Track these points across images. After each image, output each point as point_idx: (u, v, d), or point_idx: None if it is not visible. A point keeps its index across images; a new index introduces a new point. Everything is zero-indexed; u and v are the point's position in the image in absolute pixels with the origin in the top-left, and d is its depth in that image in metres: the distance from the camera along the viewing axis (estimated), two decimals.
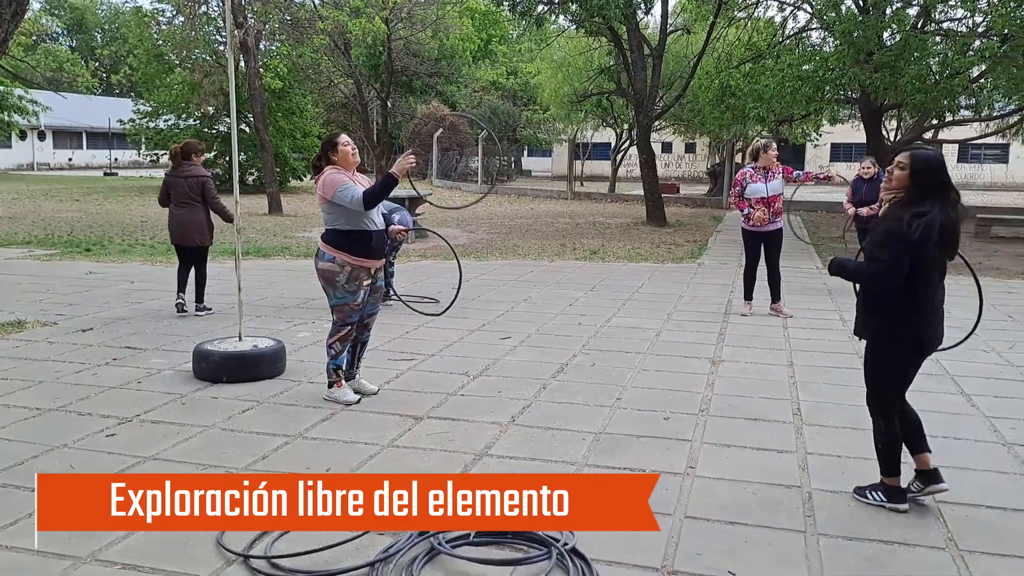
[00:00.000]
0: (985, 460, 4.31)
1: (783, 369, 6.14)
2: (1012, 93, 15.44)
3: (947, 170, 3.57)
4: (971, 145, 40.97)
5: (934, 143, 22.63)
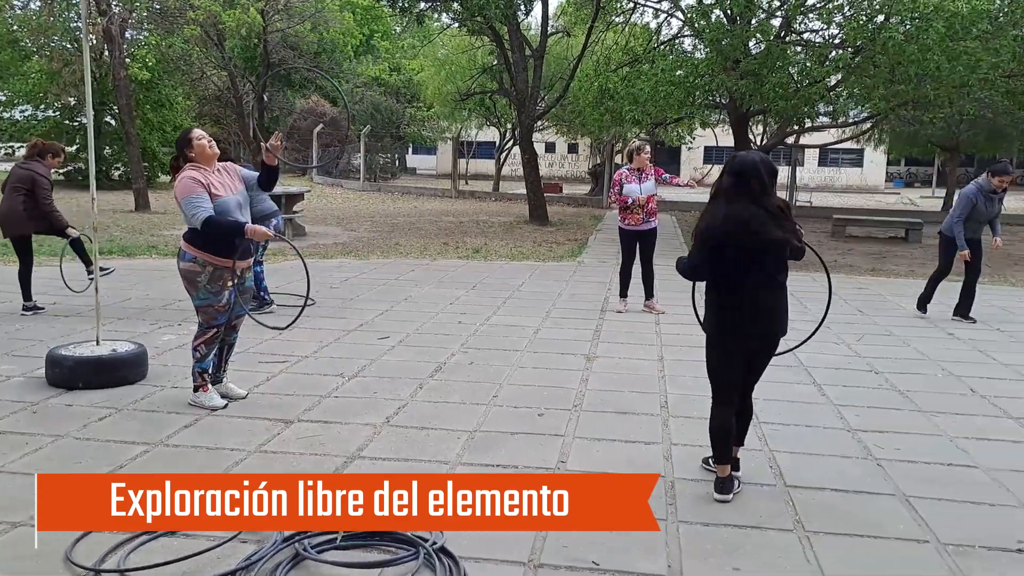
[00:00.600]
0: (832, 446, 4.60)
1: (653, 364, 6.35)
2: (864, 101, 16.52)
3: (762, 174, 3.60)
4: (830, 150, 43.65)
5: (796, 147, 23.97)
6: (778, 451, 4.50)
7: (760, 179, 3.59)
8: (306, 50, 30.79)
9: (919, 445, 4.66)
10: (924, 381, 6.02)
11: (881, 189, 43.88)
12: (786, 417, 5.11)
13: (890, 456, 4.47)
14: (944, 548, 3.40)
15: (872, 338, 7.51)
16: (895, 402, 5.49)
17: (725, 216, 3.62)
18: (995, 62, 12.93)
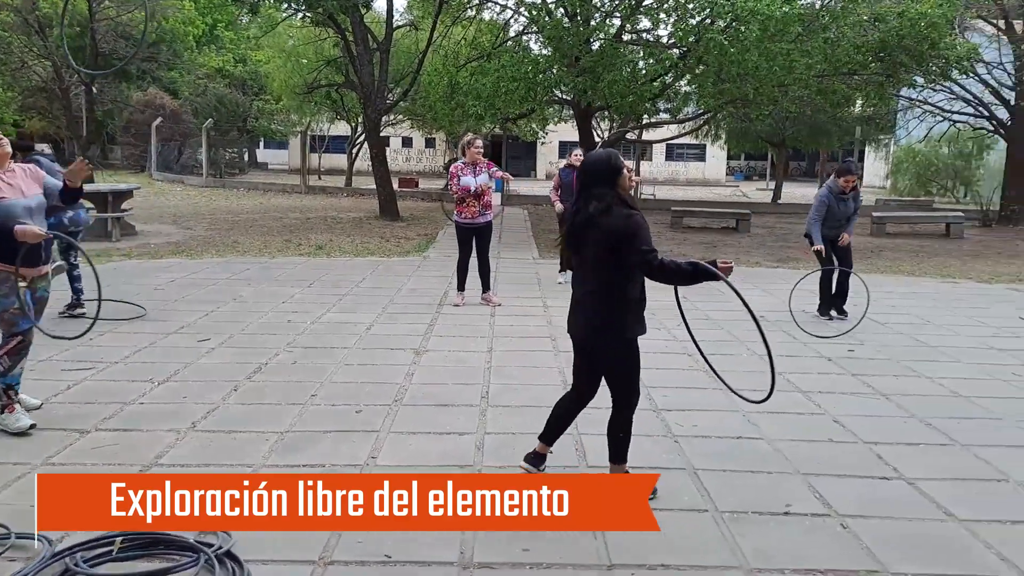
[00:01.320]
0: (636, 426, 4.82)
1: (482, 356, 6.45)
2: (698, 99, 17.43)
3: (600, 170, 3.63)
4: (675, 145, 45.73)
5: (639, 143, 24.93)
6: (586, 434, 4.68)
7: (603, 176, 3.62)
8: (141, 39, 29.08)
9: (716, 422, 4.97)
10: (733, 361, 6.42)
11: (722, 182, 46.32)
12: (600, 402, 5.30)
13: (687, 433, 4.75)
14: (721, 515, 3.64)
15: (698, 323, 7.88)
16: (701, 382, 5.83)
17: (575, 211, 3.73)
18: (808, 63, 13.93)
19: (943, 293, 10.02)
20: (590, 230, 3.61)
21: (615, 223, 3.51)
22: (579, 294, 3.81)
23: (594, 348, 3.78)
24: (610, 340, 3.69)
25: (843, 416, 5.10)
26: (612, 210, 3.55)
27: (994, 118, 19.65)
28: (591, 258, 3.65)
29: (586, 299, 3.73)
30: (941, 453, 4.51)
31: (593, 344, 3.76)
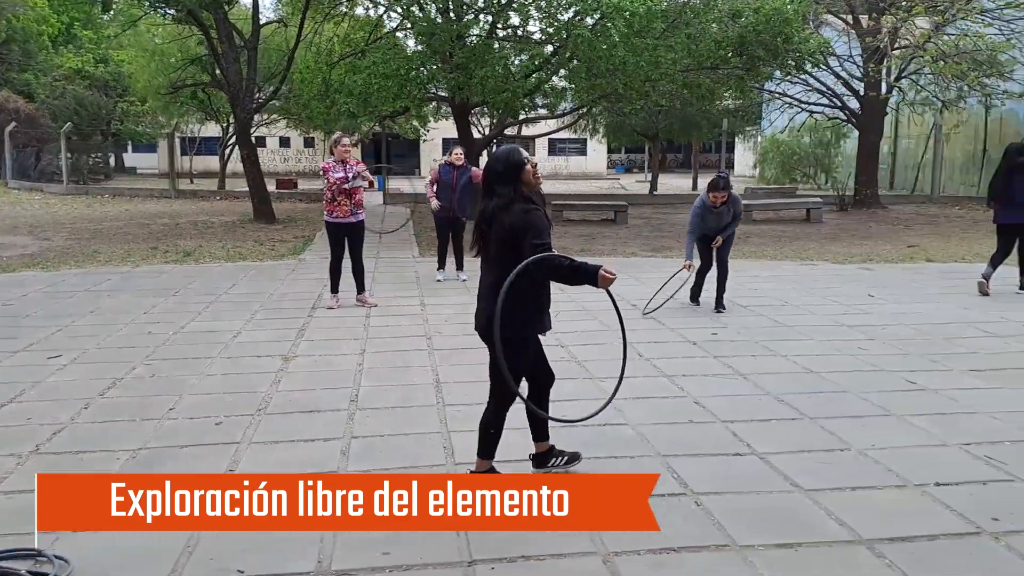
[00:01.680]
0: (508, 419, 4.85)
1: (354, 358, 6.34)
2: (574, 94, 17.74)
3: (501, 167, 3.65)
4: (557, 140, 46.43)
5: (519, 138, 25.15)
6: (456, 431, 4.67)
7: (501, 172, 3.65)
8: None
9: (584, 411, 5.04)
10: (601, 351, 6.56)
11: (604, 175, 47.36)
12: (471, 397, 5.31)
13: (554, 424, 4.80)
14: None
15: (567, 314, 8.04)
16: (572, 372, 5.92)
17: (482, 207, 3.76)
18: (673, 58, 14.41)
19: (801, 275, 10.57)
20: (492, 225, 3.67)
21: (513, 219, 3.56)
22: (481, 287, 3.87)
23: (487, 339, 3.84)
24: (505, 332, 3.66)
25: (704, 397, 5.29)
26: (512, 206, 3.59)
27: (846, 108, 20.88)
28: (493, 252, 3.71)
29: (486, 292, 3.79)
30: (791, 427, 4.74)
31: (486, 335, 3.83)
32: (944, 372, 5.90)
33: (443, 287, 9.74)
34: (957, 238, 14.68)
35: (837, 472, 4.07)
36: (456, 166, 9.95)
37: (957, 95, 19.41)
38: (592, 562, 3.20)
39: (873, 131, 20.39)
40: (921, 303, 8.49)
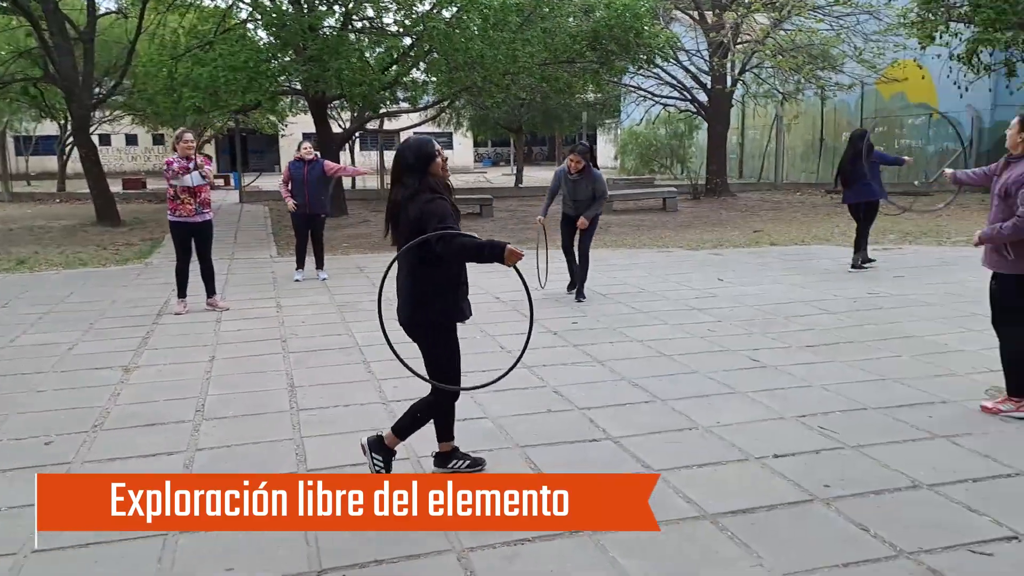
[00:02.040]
0: (362, 422, 4.75)
1: (202, 366, 6.03)
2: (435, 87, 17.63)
3: (412, 157, 3.67)
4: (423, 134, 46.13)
5: (381, 132, 24.81)
6: (309, 436, 4.52)
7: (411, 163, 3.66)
8: None
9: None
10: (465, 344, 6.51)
11: (471, 169, 47.47)
12: (327, 400, 5.17)
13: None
14: None
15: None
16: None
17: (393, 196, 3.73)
18: (531, 51, 14.57)
19: (657, 262, 10.94)
20: (400, 216, 3.65)
21: (418, 209, 3.55)
22: (397, 282, 3.82)
23: (410, 331, 3.82)
24: (419, 324, 3.75)
25: (563, 386, 5.36)
26: (417, 196, 3.58)
27: (696, 101, 21.81)
28: (402, 243, 3.67)
29: (401, 283, 3.78)
30: (644, 410, 4.87)
31: (408, 328, 3.81)
32: (783, 349, 6.24)
33: (302, 287, 9.46)
34: (797, 222, 15.63)
35: (685, 451, 4.22)
36: (306, 161, 9.66)
37: (795, 88, 20.65)
38: (447, 560, 3.16)
39: (720, 122, 21.39)
40: (765, 284, 8.96)
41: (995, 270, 4.59)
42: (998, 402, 4.67)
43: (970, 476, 3.79)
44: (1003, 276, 4.56)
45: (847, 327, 6.89)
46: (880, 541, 3.21)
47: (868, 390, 5.14)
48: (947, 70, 19.89)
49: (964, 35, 17.24)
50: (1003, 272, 4.54)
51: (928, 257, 10.72)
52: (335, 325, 7.38)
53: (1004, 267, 4.52)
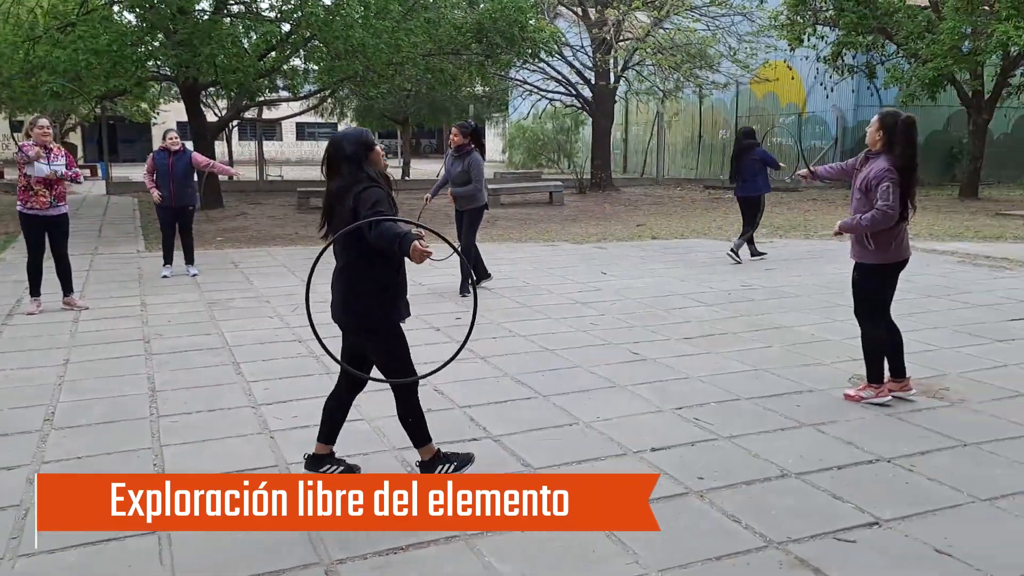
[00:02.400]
0: (231, 427, 4.49)
1: (54, 370, 5.58)
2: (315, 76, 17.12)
3: (351, 147, 3.48)
4: (307, 124, 44.99)
5: (259, 121, 23.94)
6: (169, 445, 4.23)
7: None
8: None
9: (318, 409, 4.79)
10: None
11: None
12: (191, 405, 4.86)
13: (286, 426, 4.53)
14: None
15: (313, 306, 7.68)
16: (310, 368, 5.64)
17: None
18: (414, 42, 14.33)
19: (543, 256, 10.98)
20: (335, 208, 3.50)
21: (355, 199, 3.41)
22: (332, 276, 3.63)
23: (346, 330, 3.68)
24: (360, 323, 3.58)
25: (444, 384, 5.23)
26: (354, 187, 3.43)
27: (581, 96, 22.10)
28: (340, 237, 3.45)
29: (335, 279, 3.61)
30: (526, 407, 4.82)
31: (344, 326, 3.66)
32: (663, 341, 6.34)
33: (170, 284, 8.95)
34: (678, 216, 16.07)
35: (565, 447, 4.19)
36: (171, 152, 9.15)
37: (675, 86, 21.24)
38: (314, 574, 3.00)
39: (605, 118, 21.76)
40: (646, 278, 9.13)
41: (857, 260, 4.79)
42: (859, 389, 4.88)
43: (835, 464, 3.93)
44: (863, 266, 4.75)
45: (723, 319, 7.08)
46: (751, 532, 3.26)
47: (741, 380, 5.27)
48: (815, 71, 20.96)
49: (830, 38, 18.20)
50: (864, 262, 4.74)
51: (797, 250, 11.21)
52: (204, 324, 7.00)
53: (866, 257, 4.72)
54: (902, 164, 4.50)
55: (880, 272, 4.71)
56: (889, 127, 4.54)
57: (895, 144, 4.52)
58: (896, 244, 4.65)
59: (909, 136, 4.51)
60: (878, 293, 4.77)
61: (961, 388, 5.08)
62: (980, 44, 15.18)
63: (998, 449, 4.08)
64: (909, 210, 4.61)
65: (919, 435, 4.29)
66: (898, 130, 4.50)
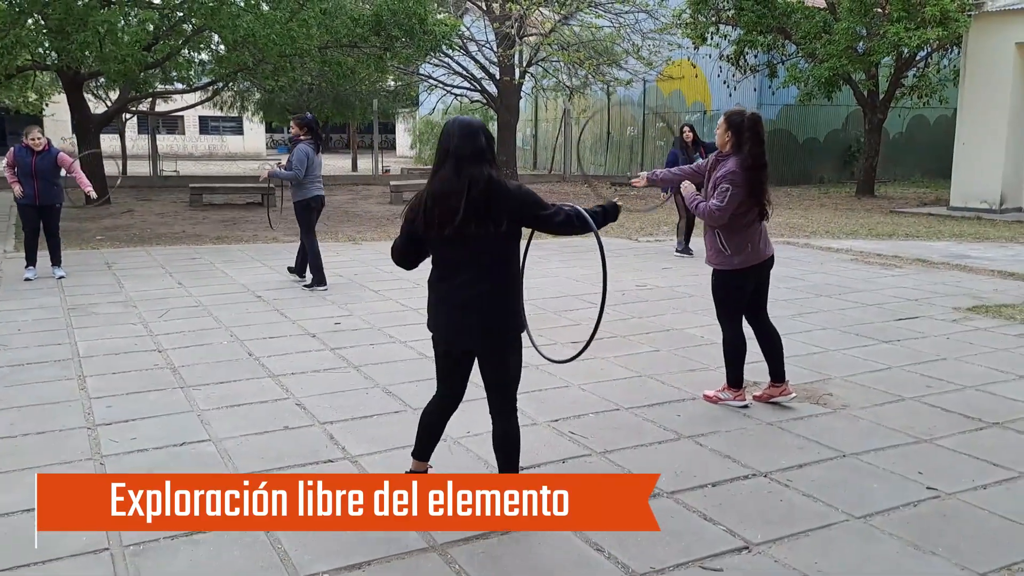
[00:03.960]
0: (56, 454, 3.99)
1: None
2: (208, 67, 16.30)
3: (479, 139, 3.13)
4: (210, 118, 43.31)
5: (153, 114, 22.78)
6: None
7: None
8: None
9: (162, 429, 4.35)
10: (206, 351, 5.83)
11: (264, 156, 45.17)
12: (18, 427, 4.34)
13: (122, 449, 4.07)
14: (124, 548, 3.06)
15: (185, 311, 7.16)
16: (162, 382, 5.15)
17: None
18: (308, 33, 13.73)
19: None
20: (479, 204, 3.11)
21: (507, 194, 3.14)
22: (464, 283, 3.18)
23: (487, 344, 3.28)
24: (509, 332, 3.26)
25: (308, 397, 4.86)
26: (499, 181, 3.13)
27: (486, 92, 21.81)
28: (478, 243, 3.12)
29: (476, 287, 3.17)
30: (392, 422, 4.48)
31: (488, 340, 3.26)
32: (549, 346, 6.07)
33: (31, 287, 8.22)
34: None
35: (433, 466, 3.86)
36: (35, 151, 8.41)
37: (582, 82, 21.17)
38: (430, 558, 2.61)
39: (509, 113, 21.52)
40: (542, 278, 8.89)
41: (714, 266, 4.61)
42: (718, 391, 4.74)
43: (710, 480, 3.73)
44: (720, 272, 4.58)
45: (614, 321, 6.88)
46: (613, 562, 3.01)
47: (624, 388, 5.06)
48: (718, 70, 21.22)
49: (732, 37, 18.40)
50: (721, 268, 4.57)
51: (700, 247, 11.13)
52: (57, 333, 6.39)
53: (722, 263, 4.54)
54: (751, 164, 4.33)
55: (737, 276, 4.53)
56: (736, 126, 4.36)
57: (743, 143, 4.35)
58: (752, 246, 4.48)
59: (757, 133, 4.34)
60: (735, 297, 4.60)
61: (844, 393, 4.99)
62: (873, 45, 15.57)
63: (876, 460, 3.97)
64: (767, 208, 4.47)
65: (798, 446, 4.15)
66: (745, 128, 4.34)
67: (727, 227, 4.43)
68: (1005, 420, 4.49)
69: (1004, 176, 14.84)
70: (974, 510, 3.45)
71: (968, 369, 5.47)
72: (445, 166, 3.08)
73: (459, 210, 3.01)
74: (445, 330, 3.26)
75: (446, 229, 3.04)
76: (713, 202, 4.37)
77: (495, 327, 3.18)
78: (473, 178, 3.03)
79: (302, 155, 7.90)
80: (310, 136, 8.05)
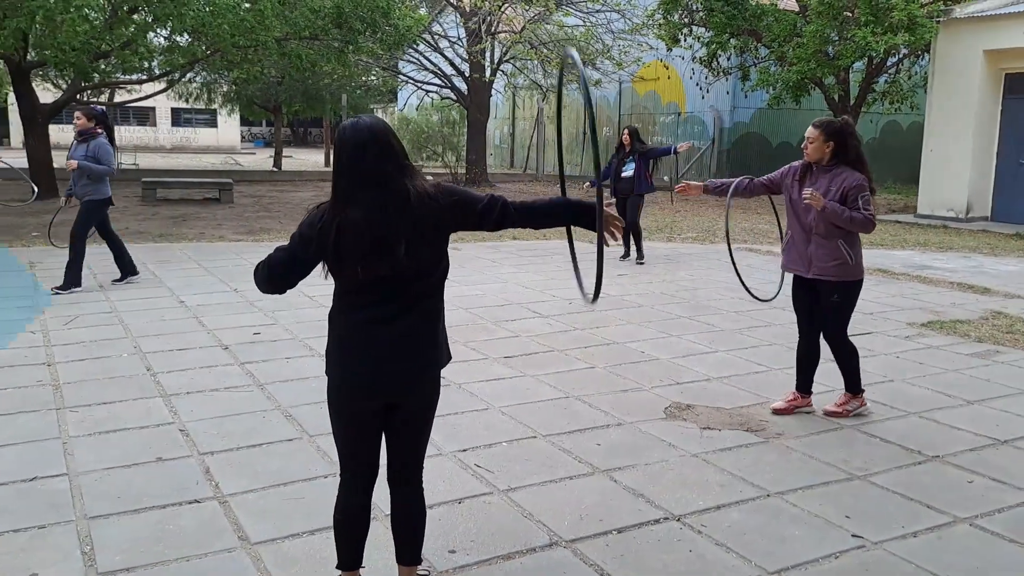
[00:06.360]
0: None
1: None
2: (162, 58, 15.76)
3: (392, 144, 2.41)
4: (182, 110, 42.49)
5: (111, 105, 22.15)
6: None
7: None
8: None
9: (21, 456, 3.90)
10: (101, 367, 5.38)
11: (238, 149, 44.43)
12: None
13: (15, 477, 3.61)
14: None
15: (95, 317, 6.69)
16: (39, 401, 4.69)
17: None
18: (265, 24, 13.24)
19: None
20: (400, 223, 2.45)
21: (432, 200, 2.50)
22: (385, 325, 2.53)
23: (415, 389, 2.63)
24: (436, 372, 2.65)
25: (194, 422, 4.42)
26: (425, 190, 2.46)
27: (457, 89, 21.36)
28: (424, 255, 2.49)
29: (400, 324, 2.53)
30: (282, 452, 4.05)
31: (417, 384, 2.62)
32: (480, 361, 5.69)
33: None
34: None
35: (300, 510, 3.45)
36: None
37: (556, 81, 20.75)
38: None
39: (480, 111, 21.09)
40: (489, 284, 8.47)
41: (837, 279, 4.40)
42: (842, 404, 4.65)
43: (615, 526, 3.33)
44: (847, 283, 4.43)
45: (554, 333, 6.50)
46: None
47: (547, 412, 4.66)
48: (691, 71, 20.90)
49: (705, 39, 18.06)
50: (847, 279, 4.42)
51: (656, 253, 10.77)
52: None
53: (848, 274, 4.40)
54: (863, 169, 4.33)
55: (860, 286, 4.50)
56: (838, 134, 4.28)
57: (849, 150, 4.29)
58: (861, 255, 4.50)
59: (857, 139, 4.36)
60: (853, 308, 4.55)
61: (781, 419, 4.63)
62: (842, 49, 15.27)
63: (802, 500, 3.59)
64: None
65: (720, 483, 3.76)
66: (847, 134, 4.29)
67: (850, 237, 4.35)
68: (945, 454, 4.14)
69: (971, 184, 14.61)
70: (900, 564, 3.08)
71: (915, 393, 5.12)
72: (360, 191, 2.39)
73: (397, 251, 2.38)
74: (367, 377, 2.51)
75: (380, 271, 2.41)
76: (865, 212, 4.26)
77: (429, 364, 2.56)
78: (402, 203, 2.40)
79: (107, 149, 7.60)
80: (103, 130, 7.67)
